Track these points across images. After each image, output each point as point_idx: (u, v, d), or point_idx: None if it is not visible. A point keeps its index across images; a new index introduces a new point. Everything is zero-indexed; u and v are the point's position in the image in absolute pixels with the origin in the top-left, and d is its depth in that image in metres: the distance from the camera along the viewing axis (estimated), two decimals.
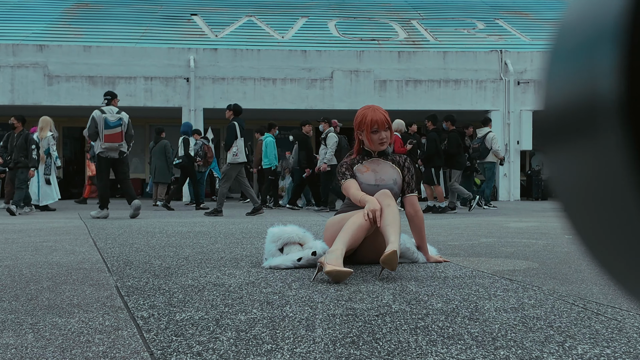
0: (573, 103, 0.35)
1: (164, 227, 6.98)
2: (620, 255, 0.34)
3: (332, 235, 3.60)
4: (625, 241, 0.33)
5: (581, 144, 0.34)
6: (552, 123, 0.37)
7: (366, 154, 3.99)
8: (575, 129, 0.35)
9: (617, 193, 0.32)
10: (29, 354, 1.82)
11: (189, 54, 18.02)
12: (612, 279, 0.39)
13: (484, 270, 3.56)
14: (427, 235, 4.06)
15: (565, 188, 0.38)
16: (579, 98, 0.34)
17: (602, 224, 0.35)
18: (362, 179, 3.87)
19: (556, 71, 0.38)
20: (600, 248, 0.37)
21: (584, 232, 0.38)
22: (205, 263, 3.83)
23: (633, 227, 0.32)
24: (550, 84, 0.38)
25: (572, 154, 0.35)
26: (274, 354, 1.80)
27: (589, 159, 0.34)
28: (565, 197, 0.38)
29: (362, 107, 4.07)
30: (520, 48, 19.76)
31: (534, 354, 1.80)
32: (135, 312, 2.37)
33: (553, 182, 0.39)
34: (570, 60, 0.35)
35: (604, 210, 0.34)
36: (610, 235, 0.34)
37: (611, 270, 0.38)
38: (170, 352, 1.82)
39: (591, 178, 0.34)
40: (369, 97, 17.89)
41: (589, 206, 0.35)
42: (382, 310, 2.39)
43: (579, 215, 0.37)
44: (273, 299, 2.62)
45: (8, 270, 3.55)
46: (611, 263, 0.37)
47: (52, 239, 5.50)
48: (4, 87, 17.18)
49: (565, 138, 0.36)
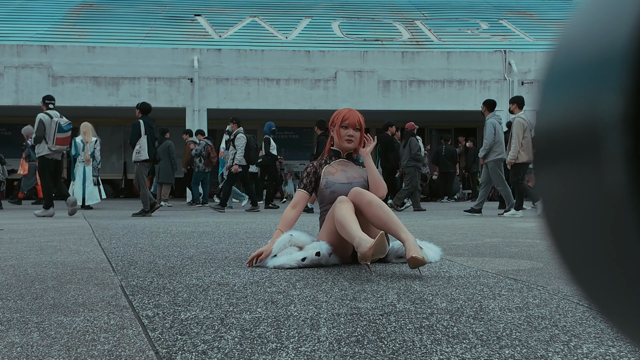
0: (573, 124, 0.34)
1: (168, 227, 6.99)
2: (618, 286, 0.33)
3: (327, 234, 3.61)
4: (624, 269, 0.32)
5: (580, 166, 0.33)
6: (549, 143, 0.37)
7: (335, 154, 4.02)
8: (574, 151, 0.34)
9: (618, 216, 0.31)
10: (35, 353, 1.82)
11: (192, 55, 18.05)
12: (604, 311, 0.37)
13: (488, 270, 3.56)
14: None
15: (559, 211, 0.37)
16: (580, 119, 0.33)
17: (597, 249, 0.34)
18: (333, 179, 3.89)
19: (555, 91, 0.37)
20: (593, 276, 0.36)
21: (574, 258, 0.36)
22: (209, 263, 3.83)
23: (634, 252, 0.31)
24: (549, 104, 0.38)
25: (570, 175, 0.34)
26: (278, 353, 1.80)
27: (590, 181, 0.33)
28: (557, 221, 0.37)
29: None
30: (525, 48, 19.74)
31: (539, 353, 1.80)
32: (140, 311, 2.37)
33: (545, 205, 0.38)
34: (570, 80, 0.34)
35: (601, 234, 0.33)
36: (606, 261, 0.33)
37: (603, 302, 0.37)
38: (175, 351, 1.82)
39: (590, 201, 0.33)
40: (372, 98, 17.91)
41: (584, 231, 0.34)
42: (386, 310, 2.39)
43: (570, 240, 0.36)
44: (277, 298, 2.63)
45: (13, 270, 3.56)
46: (605, 294, 0.36)
47: (57, 239, 5.51)
48: (8, 87, 17.23)
49: (562, 159, 0.35)
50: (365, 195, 3.50)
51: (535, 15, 24.10)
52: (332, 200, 3.87)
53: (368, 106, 17.25)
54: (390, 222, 3.39)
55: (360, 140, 3.99)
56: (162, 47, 18.66)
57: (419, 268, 3.32)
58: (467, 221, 8.29)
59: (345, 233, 3.32)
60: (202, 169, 14.37)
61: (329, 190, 3.89)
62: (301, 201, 3.91)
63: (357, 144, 3.99)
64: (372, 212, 3.45)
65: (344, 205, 3.43)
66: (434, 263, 3.73)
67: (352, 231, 3.27)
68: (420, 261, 3.20)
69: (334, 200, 3.87)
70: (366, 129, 4.05)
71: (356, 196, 3.52)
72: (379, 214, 3.43)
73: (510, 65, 18.45)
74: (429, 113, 18.58)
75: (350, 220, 3.34)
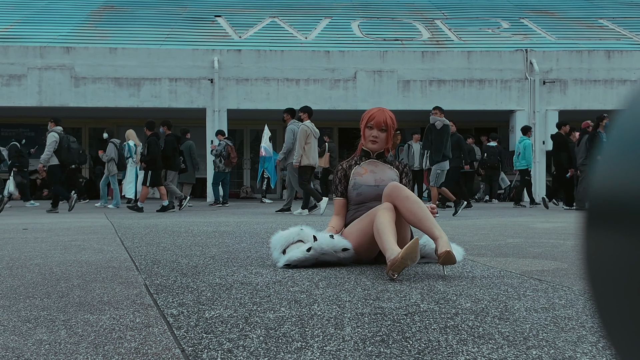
0: (634, 192, 0.33)
1: (190, 226, 7.03)
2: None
3: (359, 233, 3.60)
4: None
5: (635, 233, 0.32)
6: (607, 206, 0.36)
7: (365, 154, 4.00)
8: (632, 218, 0.33)
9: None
10: (63, 350, 1.84)
11: (213, 55, 18.13)
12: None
13: (512, 270, 3.53)
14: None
15: (606, 274, 0.36)
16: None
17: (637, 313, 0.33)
18: (361, 181, 3.87)
19: (620, 155, 0.36)
20: (630, 343, 0.35)
21: (613, 324, 0.35)
22: (231, 262, 3.84)
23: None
24: (613, 166, 0.36)
25: (623, 241, 0.34)
26: (304, 352, 1.80)
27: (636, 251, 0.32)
28: (602, 284, 0.36)
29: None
30: (546, 47, 19.56)
31: (567, 354, 1.78)
32: (165, 310, 2.39)
33: (590, 263, 0.37)
34: (637, 147, 0.33)
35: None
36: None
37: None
38: (201, 349, 1.83)
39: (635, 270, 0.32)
40: (392, 98, 17.86)
41: (628, 300, 0.33)
42: (410, 310, 2.38)
43: (612, 308, 0.35)
44: (301, 298, 2.63)
45: (39, 269, 3.60)
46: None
47: (80, 238, 5.57)
48: (31, 88, 17.44)
49: (618, 224, 0.34)
50: (402, 190, 3.48)
51: (557, 14, 23.86)
52: (359, 201, 3.86)
53: (388, 106, 17.09)
54: (425, 219, 3.37)
55: (387, 141, 3.95)
56: (182, 48, 18.77)
57: (444, 267, 3.30)
58: (489, 221, 8.23)
59: (381, 242, 3.30)
60: (222, 169, 14.43)
61: (356, 192, 3.87)
62: (341, 209, 3.91)
63: (382, 145, 3.96)
64: (407, 207, 3.42)
65: (387, 213, 3.40)
66: (457, 263, 3.71)
67: (389, 243, 3.24)
68: (452, 259, 3.17)
69: (361, 202, 3.85)
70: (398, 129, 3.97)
71: (394, 190, 3.49)
72: (415, 210, 3.40)
73: (531, 65, 18.29)
74: (449, 113, 18.38)
75: (389, 231, 3.31)
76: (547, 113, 18.09)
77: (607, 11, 24.25)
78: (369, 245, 3.57)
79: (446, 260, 3.19)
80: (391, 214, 3.40)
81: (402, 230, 3.54)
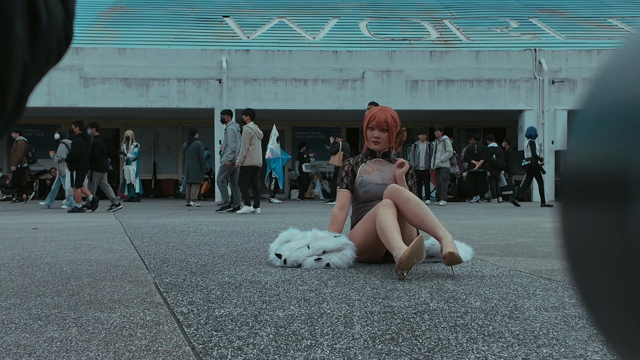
0: (604, 168, 0.33)
1: (198, 226, 7.05)
2: (636, 329, 0.33)
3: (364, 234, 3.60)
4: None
5: (608, 210, 0.33)
6: (578, 184, 0.36)
7: (371, 153, 3.99)
8: (603, 194, 0.33)
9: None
10: (74, 347, 1.85)
11: (221, 56, 18.16)
12: (620, 352, 0.36)
13: (521, 269, 3.52)
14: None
15: (583, 251, 0.36)
16: (612, 164, 0.33)
17: (617, 292, 0.33)
18: (368, 179, 3.87)
19: (588, 134, 0.36)
20: (611, 318, 0.35)
21: (593, 298, 0.36)
22: (240, 261, 3.85)
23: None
24: (580, 145, 0.37)
25: (596, 218, 0.34)
26: (314, 350, 1.80)
27: (617, 226, 0.32)
28: (579, 261, 0.37)
29: None
30: (555, 47, 19.48)
31: (578, 352, 1.77)
32: (174, 308, 2.39)
33: (567, 244, 0.38)
34: (605, 124, 0.34)
35: (623, 278, 0.32)
36: (626, 304, 0.32)
37: (620, 343, 0.36)
38: (211, 347, 1.84)
39: (614, 245, 0.33)
40: (400, 98, 17.83)
41: (606, 273, 0.34)
42: (420, 308, 2.38)
43: (590, 281, 0.36)
44: (310, 296, 2.63)
45: (49, 267, 3.62)
46: (622, 336, 0.35)
47: (90, 237, 5.60)
48: (40, 89, 17.51)
49: (590, 201, 0.34)
50: (403, 192, 3.47)
51: (566, 14, 23.77)
52: (365, 199, 3.86)
53: (396, 106, 17.17)
54: (427, 220, 3.37)
55: (390, 140, 3.94)
56: (191, 48, 18.81)
57: (452, 267, 3.30)
58: (498, 221, 8.21)
59: (386, 240, 3.29)
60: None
61: (363, 189, 3.87)
62: (347, 201, 3.90)
63: (385, 145, 3.95)
64: (409, 209, 3.42)
65: (388, 210, 3.39)
66: (466, 262, 3.70)
67: (394, 241, 3.23)
68: (457, 259, 3.17)
69: (367, 200, 3.85)
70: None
71: (394, 192, 3.49)
72: (417, 211, 3.40)
73: (540, 64, 18.21)
74: (458, 113, 18.43)
75: (393, 228, 3.30)
76: (556, 113, 18.01)
77: (616, 10, 24.12)
78: (374, 244, 3.57)
79: (451, 262, 3.19)
80: (392, 210, 3.41)
81: (407, 227, 3.54)
